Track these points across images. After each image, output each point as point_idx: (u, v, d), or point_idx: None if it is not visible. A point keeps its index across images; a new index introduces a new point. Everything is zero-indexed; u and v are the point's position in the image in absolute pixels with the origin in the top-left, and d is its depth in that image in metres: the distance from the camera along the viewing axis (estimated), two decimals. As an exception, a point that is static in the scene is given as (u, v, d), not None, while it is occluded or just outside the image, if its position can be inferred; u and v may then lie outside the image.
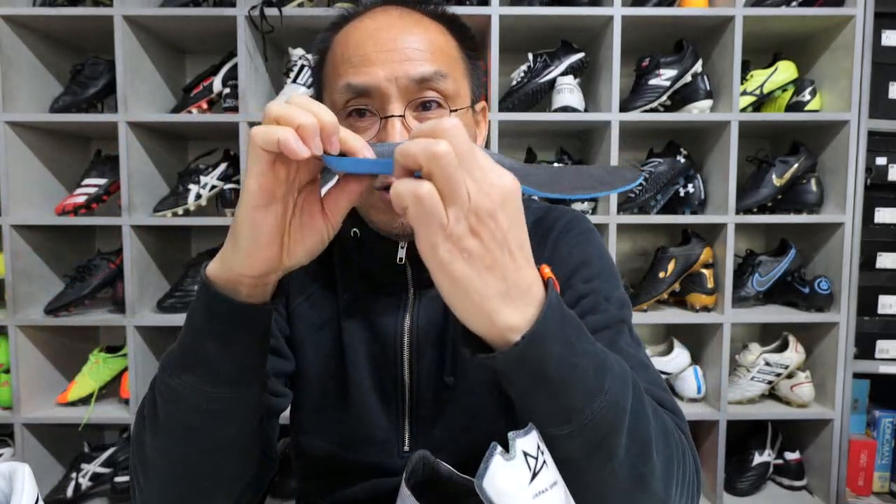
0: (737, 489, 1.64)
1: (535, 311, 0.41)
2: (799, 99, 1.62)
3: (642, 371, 0.58)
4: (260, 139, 0.42)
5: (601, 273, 0.65)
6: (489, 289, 0.39)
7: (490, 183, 0.38)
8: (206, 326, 0.48)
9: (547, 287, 0.43)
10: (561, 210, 0.72)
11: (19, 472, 0.43)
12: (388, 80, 0.58)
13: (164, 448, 0.51)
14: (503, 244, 0.39)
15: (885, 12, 1.58)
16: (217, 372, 0.49)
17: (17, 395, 1.55)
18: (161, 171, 1.69)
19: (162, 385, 0.50)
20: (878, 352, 1.65)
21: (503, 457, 0.39)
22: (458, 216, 0.37)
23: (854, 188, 1.58)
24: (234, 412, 0.51)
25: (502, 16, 1.51)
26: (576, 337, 0.43)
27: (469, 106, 0.65)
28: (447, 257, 0.38)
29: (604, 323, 0.60)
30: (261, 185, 0.44)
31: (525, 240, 0.41)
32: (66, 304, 1.56)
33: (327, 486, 0.68)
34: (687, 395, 1.66)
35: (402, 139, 0.57)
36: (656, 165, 1.65)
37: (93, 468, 1.60)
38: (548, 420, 0.42)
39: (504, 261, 0.39)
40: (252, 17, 1.51)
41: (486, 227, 0.38)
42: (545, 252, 0.67)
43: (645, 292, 1.65)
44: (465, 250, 0.38)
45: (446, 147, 0.36)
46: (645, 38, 1.66)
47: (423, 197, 0.37)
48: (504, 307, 0.40)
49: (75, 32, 1.63)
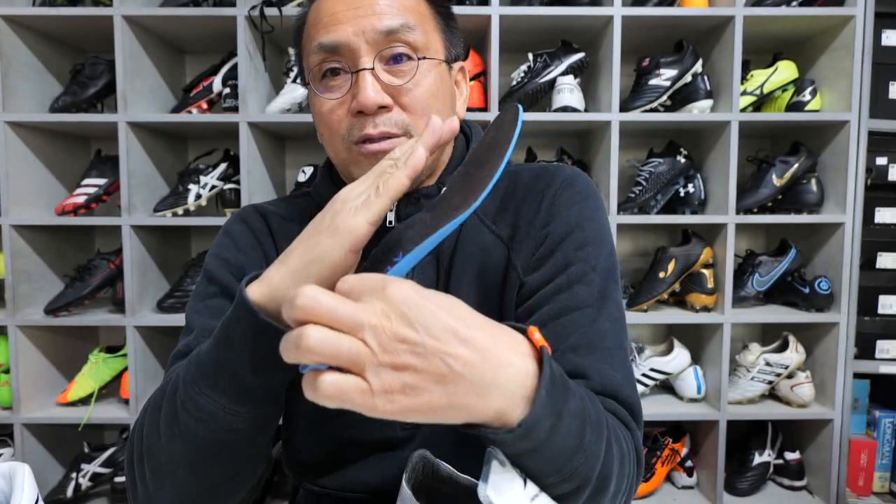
0: (737, 489, 1.64)
1: (522, 388, 0.39)
2: (799, 99, 1.62)
3: (615, 356, 0.58)
4: (390, 193, 0.46)
5: (593, 238, 0.64)
6: (456, 395, 0.36)
7: (370, 316, 0.35)
8: (248, 352, 0.47)
9: (541, 355, 0.41)
10: (560, 165, 0.71)
11: (19, 472, 0.43)
12: (355, 34, 0.60)
13: (184, 458, 0.51)
14: (434, 352, 0.36)
15: (885, 12, 1.58)
16: (254, 395, 0.49)
17: (17, 395, 1.54)
18: (161, 171, 1.69)
19: (189, 402, 0.49)
20: (879, 352, 1.65)
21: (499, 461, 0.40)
22: (373, 372, 0.35)
23: (854, 188, 1.58)
24: (262, 427, 0.52)
25: (502, 16, 1.51)
26: (563, 402, 0.42)
27: (443, 60, 0.65)
28: (393, 406, 0.35)
29: (588, 298, 0.60)
30: (369, 231, 0.45)
31: (460, 314, 0.38)
32: (66, 304, 1.56)
33: (329, 467, 0.67)
34: (687, 395, 1.66)
35: (373, 91, 0.59)
36: (656, 165, 1.65)
37: (93, 468, 1.60)
38: (528, 472, 0.42)
39: (448, 364, 0.36)
40: (252, 17, 1.51)
41: (403, 354, 0.35)
42: (543, 205, 0.66)
43: (645, 292, 1.64)
44: (404, 388, 0.35)
45: (308, 338, 0.34)
46: (645, 38, 1.66)
47: (333, 391, 0.35)
48: (480, 400, 0.37)
49: (75, 32, 1.63)
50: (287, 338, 0.36)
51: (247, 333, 0.47)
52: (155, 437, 0.52)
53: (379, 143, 0.60)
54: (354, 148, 0.61)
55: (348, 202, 0.47)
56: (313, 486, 0.69)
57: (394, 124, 0.61)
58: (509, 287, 0.64)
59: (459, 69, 0.71)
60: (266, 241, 0.71)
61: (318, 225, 0.48)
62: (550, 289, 0.60)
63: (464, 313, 0.39)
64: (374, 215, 0.46)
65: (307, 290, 0.36)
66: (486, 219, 0.68)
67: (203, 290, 0.66)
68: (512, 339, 0.40)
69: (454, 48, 0.69)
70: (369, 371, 0.35)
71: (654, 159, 1.66)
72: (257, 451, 0.54)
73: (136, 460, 0.54)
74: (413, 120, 0.62)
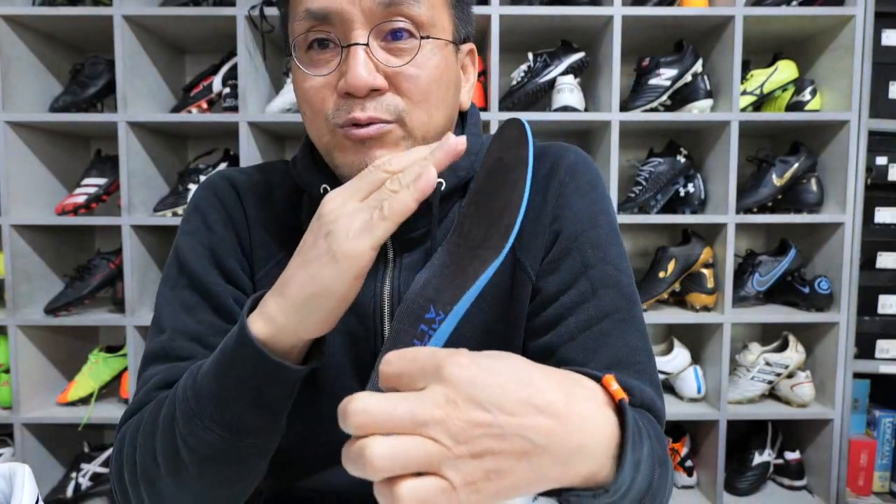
0: (737, 489, 1.64)
1: (607, 448, 0.36)
2: (799, 99, 1.62)
3: (648, 367, 0.55)
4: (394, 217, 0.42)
5: (609, 234, 0.59)
6: (542, 468, 0.33)
7: (434, 409, 0.32)
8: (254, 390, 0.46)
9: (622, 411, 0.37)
10: (562, 147, 0.63)
11: (19, 472, 0.43)
12: (350, 2, 0.51)
13: (189, 492, 0.50)
14: (513, 429, 0.32)
15: (885, 12, 1.58)
16: (260, 428, 0.48)
17: (17, 395, 1.54)
18: (161, 171, 1.69)
19: (191, 437, 0.47)
20: (879, 351, 1.65)
21: None
22: (451, 467, 0.31)
23: (854, 188, 1.58)
24: (267, 451, 0.51)
25: (502, 16, 1.51)
26: (640, 450, 0.39)
27: (450, 40, 0.57)
28: (479, 496, 0.32)
29: (615, 303, 0.56)
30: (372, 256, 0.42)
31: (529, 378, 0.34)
32: (65, 304, 1.56)
33: (302, 472, 0.64)
34: (687, 395, 1.66)
35: (365, 71, 0.51)
36: (656, 165, 1.65)
37: (93, 468, 1.60)
38: None
39: (530, 439, 0.32)
40: (252, 16, 1.51)
41: (480, 440, 0.32)
42: (548, 198, 0.60)
43: (645, 292, 1.64)
44: (487, 475, 0.32)
45: (374, 459, 0.30)
46: (645, 38, 1.66)
47: (414, 500, 0.31)
48: (568, 469, 0.34)
49: (75, 32, 1.63)
50: (347, 455, 0.32)
51: (253, 373, 0.45)
52: (153, 468, 0.50)
53: (366, 129, 0.52)
54: (339, 132, 0.54)
55: (341, 222, 0.43)
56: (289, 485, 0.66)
57: (385, 109, 0.53)
58: (518, 290, 0.59)
59: (469, 52, 0.62)
60: (238, 216, 0.63)
61: (313, 250, 0.44)
62: (574, 296, 0.56)
63: (532, 376, 0.35)
64: (378, 240, 0.42)
65: (357, 402, 0.32)
66: None
67: (174, 275, 0.61)
68: (588, 392, 0.37)
69: (464, 27, 0.60)
70: (446, 468, 0.31)
71: (654, 159, 1.66)
72: (261, 469, 0.53)
73: (129, 481, 0.52)
74: (409, 106, 0.53)
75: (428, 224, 0.59)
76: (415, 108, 0.54)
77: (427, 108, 0.55)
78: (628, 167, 1.75)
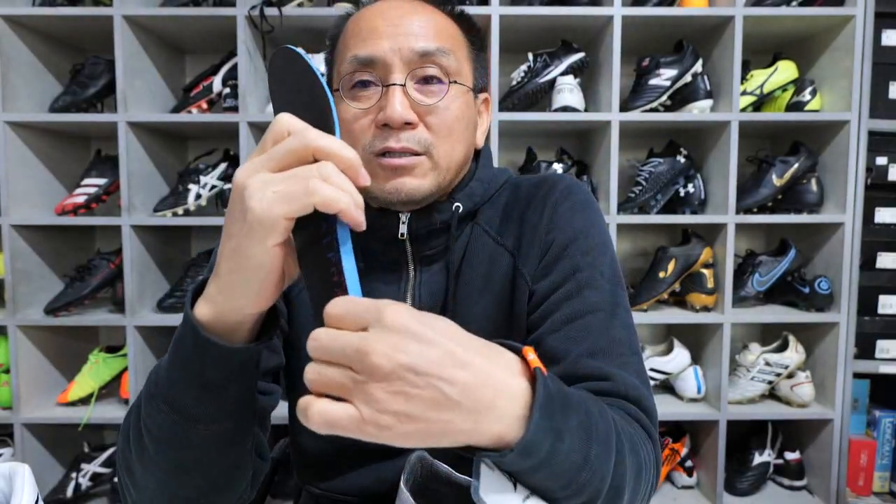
0: (737, 489, 1.64)
1: (517, 409, 0.39)
2: (799, 99, 1.62)
3: (631, 361, 0.58)
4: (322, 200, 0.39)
5: (599, 246, 0.65)
6: (452, 423, 0.36)
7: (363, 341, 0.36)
8: (196, 370, 0.46)
9: (535, 377, 0.40)
10: (558, 175, 0.72)
11: (19, 472, 0.43)
12: (392, 50, 0.61)
13: (152, 476, 0.50)
14: (428, 378, 0.35)
15: (885, 12, 1.58)
16: (207, 412, 0.48)
17: (17, 395, 1.54)
18: (161, 171, 1.69)
19: (149, 418, 0.49)
20: (879, 352, 1.65)
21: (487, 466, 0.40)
22: (365, 399, 0.35)
23: (854, 188, 1.58)
24: (231, 441, 0.51)
25: (502, 16, 1.51)
26: (563, 420, 0.41)
27: (470, 87, 0.67)
28: (384, 435, 0.36)
29: (599, 302, 0.61)
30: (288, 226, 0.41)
31: (457, 339, 0.38)
32: (65, 304, 1.56)
33: (330, 473, 0.68)
34: (687, 395, 1.66)
35: (401, 106, 0.60)
36: (656, 165, 1.65)
37: (93, 468, 1.60)
38: (533, 488, 0.42)
39: (444, 392, 0.36)
40: (252, 17, 1.51)
41: (397, 381, 0.35)
42: (544, 214, 0.66)
43: (645, 292, 1.64)
44: (395, 415, 0.35)
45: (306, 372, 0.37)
46: (645, 38, 1.66)
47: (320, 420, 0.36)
48: (477, 426, 0.37)
49: (75, 32, 1.63)
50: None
51: (192, 352, 0.46)
52: (128, 453, 0.51)
53: (399, 159, 0.61)
54: (374, 160, 0.61)
55: (252, 189, 0.41)
56: (315, 488, 0.69)
57: (416, 142, 0.62)
58: (518, 294, 0.65)
59: (484, 100, 0.74)
60: None
61: (234, 223, 0.43)
62: (561, 294, 0.61)
63: (460, 337, 0.38)
64: (293, 213, 0.40)
65: (313, 333, 0.37)
66: (490, 230, 0.69)
67: None
68: (507, 360, 0.40)
69: (480, 79, 0.71)
70: (359, 400, 0.35)
71: (654, 159, 1.66)
72: (234, 461, 0.52)
73: (120, 468, 0.54)
74: (436, 141, 0.63)
75: (446, 242, 0.68)
76: (441, 142, 0.63)
77: (451, 143, 0.64)
78: (628, 167, 1.75)
